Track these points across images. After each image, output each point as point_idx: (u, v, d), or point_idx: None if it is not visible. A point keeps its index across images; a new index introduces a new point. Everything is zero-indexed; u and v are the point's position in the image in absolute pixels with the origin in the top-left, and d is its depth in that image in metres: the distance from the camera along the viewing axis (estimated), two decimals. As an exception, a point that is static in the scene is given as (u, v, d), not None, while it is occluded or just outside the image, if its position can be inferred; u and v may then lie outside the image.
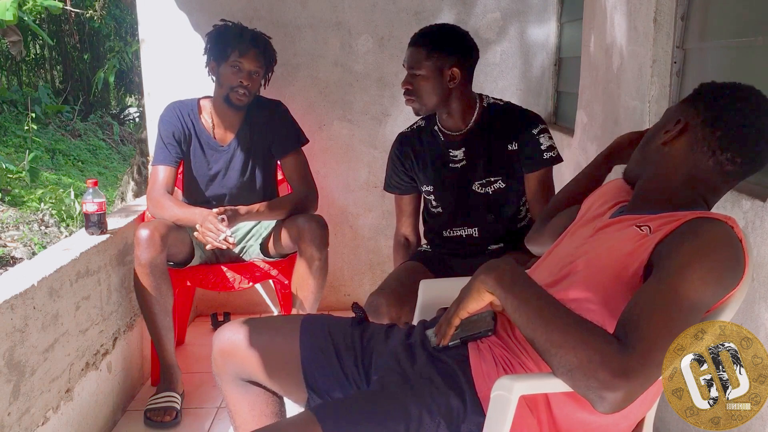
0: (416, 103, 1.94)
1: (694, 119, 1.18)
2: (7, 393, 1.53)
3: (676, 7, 1.85)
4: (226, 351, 1.43)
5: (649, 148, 1.26)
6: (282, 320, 1.58)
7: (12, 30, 6.40)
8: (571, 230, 1.36)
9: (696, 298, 1.00)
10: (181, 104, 2.45)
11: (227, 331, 1.46)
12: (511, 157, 1.95)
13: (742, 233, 1.09)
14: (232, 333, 1.44)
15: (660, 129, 1.25)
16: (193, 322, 3.01)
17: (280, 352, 1.40)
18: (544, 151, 1.95)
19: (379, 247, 3.10)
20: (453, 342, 1.26)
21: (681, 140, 1.19)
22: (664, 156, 1.22)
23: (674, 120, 1.21)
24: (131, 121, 11.10)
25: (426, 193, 2.08)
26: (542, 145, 1.95)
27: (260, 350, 1.40)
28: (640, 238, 1.13)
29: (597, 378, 0.93)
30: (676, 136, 1.20)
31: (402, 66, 1.96)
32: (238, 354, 1.42)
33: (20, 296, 1.59)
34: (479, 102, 1.99)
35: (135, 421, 2.19)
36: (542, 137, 1.95)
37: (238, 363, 1.42)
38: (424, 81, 1.89)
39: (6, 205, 6.16)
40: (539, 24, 3.02)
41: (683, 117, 1.20)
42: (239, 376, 1.44)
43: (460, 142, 1.99)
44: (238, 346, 1.42)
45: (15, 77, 10.85)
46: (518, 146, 1.94)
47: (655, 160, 1.24)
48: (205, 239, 2.20)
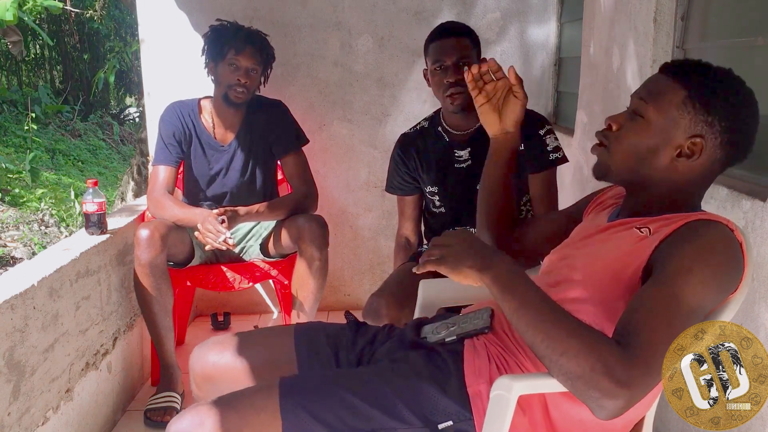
0: (464, 97, 1.85)
1: (712, 137, 1.11)
2: (7, 393, 1.53)
3: (676, 7, 1.85)
4: (209, 375, 1.36)
5: (655, 161, 1.15)
6: (270, 333, 1.52)
7: (12, 30, 6.40)
8: (572, 233, 1.36)
9: (696, 303, 1.00)
10: (182, 104, 2.45)
11: (208, 354, 1.37)
12: (517, 158, 1.94)
13: (742, 236, 1.09)
14: (214, 355, 1.36)
15: (664, 140, 1.14)
16: (193, 322, 3.01)
17: (275, 365, 1.34)
18: (550, 152, 1.95)
19: (379, 247, 3.09)
20: (449, 338, 1.26)
21: (698, 157, 1.13)
22: (675, 169, 1.15)
23: (688, 134, 1.12)
24: (131, 121, 11.08)
25: (429, 193, 2.08)
26: (548, 146, 1.95)
27: (252, 368, 1.33)
28: (640, 240, 1.12)
29: (599, 387, 0.92)
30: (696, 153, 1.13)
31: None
32: (225, 377, 1.34)
33: (20, 296, 1.59)
34: None
35: (135, 421, 2.19)
36: (548, 138, 1.96)
37: (227, 386, 1.31)
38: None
39: (6, 205, 6.15)
40: (539, 24, 3.02)
41: (700, 132, 1.11)
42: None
43: (466, 142, 1.98)
44: (223, 368, 1.34)
45: (15, 77, 10.84)
46: (524, 147, 1.94)
47: (662, 173, 1.16)
48: (205, 240, 2.20)
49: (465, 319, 1.31)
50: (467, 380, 1.18)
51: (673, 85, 1.14)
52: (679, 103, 1.12)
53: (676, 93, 1.13)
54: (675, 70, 1.16)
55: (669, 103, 1.13)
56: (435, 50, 1.90)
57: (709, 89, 1.12)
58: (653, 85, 1.18)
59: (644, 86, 1.21)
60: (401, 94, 2.99)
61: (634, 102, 1.19)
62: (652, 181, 1.17)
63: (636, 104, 1.18)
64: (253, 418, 1.13)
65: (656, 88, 1.16)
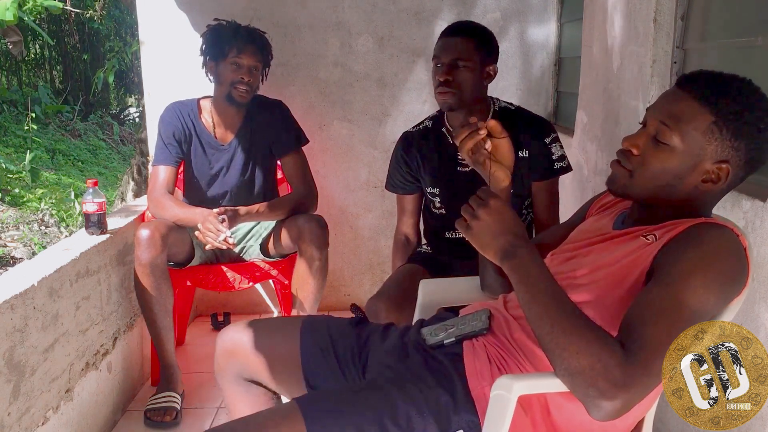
0: (454, 97, 1.85)
1: (737, 160, 1.10)
2: (7, 393, 1.53)
3: (676, 7, 1.85)
4: (229, 350, 1.45)
5: (680, 186, 1.13)
6: (283, 321, 1.59)
7: (12, 30, 6.39)
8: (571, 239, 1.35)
9: (698, 307, 0.99)
10: (181, 104, 2.45)
11: (231, 332, 1.47)
12: (520, 164, 1.91)
13: (747, 241, 1.09)
14: (235, 333, 1.46)
15: (690, 167, 1.11)
16: (193, 322, 3.01)
17: (281, 352, 1.41)
18: (554, 161, 1.95)
19: (379, 247, 3.09)
20: (448, 340, 1.26)
21: (724, 182, 1.11)
22: (699, 193, 1.13)
23: (714, 160, 1.09)
24: (131, 121, 11.08)
25: (430, 194, 2.07)
26: (553, 155, 1.95)
27: (262, 351, 1.41)
28: (645, 246, 1.12)
29: (597, 387, 0.93)
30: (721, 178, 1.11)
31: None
32: (240, 354, 1.43)
33: (20, 296, 1.59)
34: (492, 105, 1.99)
35: (135, 421, 2.19)
36: (554, 146, 1.95)
37: (241, 362, 1.43)
38: (468, 73, 1.84)
39: (6, 205, 6.15)
40: (539, 24, 3.02)
41: (726, 157, 1.09)
42: (241, 375, 1.45)
43: None
44: (241, 346, 1.43)
45: (15, 77, 10.84)
46: (529, 154, 1.93)
47: (684, 195, 1.14)
48: (205, 239, 2.20)
49: (463, 320, 1.31)
50: (470, 383, 1.18)
51: (699, 110, 1.08)
52: (705, 130, 1.08)
53: (703, 119, 1.08)
54: (700, 92, 1.09)
55: (695, 130, 1.08)
56: (437, 47, 1.90)
57: (737, 115, 1.07)
58: (676, 108, 1.11)
59: (665, 107, 1.13)
60: (401, 94, 2.99)
61: (654, 125, 1.13)
62: (671, 201, 1.15)
63: (658, 129, 1.12)
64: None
65: (680, 113, 1.10)
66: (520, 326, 1.22)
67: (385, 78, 2.97)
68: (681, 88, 1.13)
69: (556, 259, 1.31)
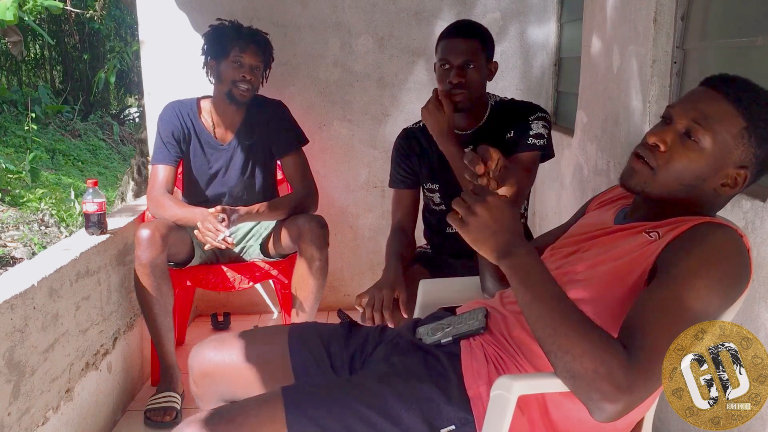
0: (466, 97, 1.88)
1: (753, 166, 1.11)
2: (7, 393, 1.53)
3: (676, 7, 1.85)
4: (208, 372, 1.38)
5: (700, 188, 1.13)
6: (266, 332, 1.52)
7: (12, 30, 6.39)
8: (571, 233, 1.35)
9: (701, 308, 0.99)
10: (180, 104, 2.45)
11: (207, 352, 1.39)
12: (508, 147, 1.91)
13: (750, 243, 1.08)
14: (209, 352, 1.38)
15: (715, 168, 1.11)
16: (193, 322, 3.01)
17: (269, 364, 1.36)
18: (530, 136, 1.89)
19: (380, 247, 3.08)
20: (445, 339, 1.26)
21: (740, 187, 1.13)
22: (716, 196, 1.15)
23: (737, 164, 1.11)
24: (131, 121, 11.08)
25: (429, 190, 2.08)
26: (531, 131, 1.90)
27: (248, 366, 1.35)
28: (648, 244, 1.11)
29: (600, 390, 0.92)
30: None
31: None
32: (218, 374, 1.36)
33: (20, 296, 1.59)
34: (489, 100, 2.01)
35: (135, 421, 2.20)
36: (534, 123, 1.91)
37: (224, 383, 1.37)
38: (477, 73, 1.88)
39: (6, 205, 6.15)
40: (539, 24, 3.02)
41: (746, 163, 1.10)
42: (223, 397, 1.38)
43: (468, 141, 1.98)
44: (221, 365, 1.36)
45: (15, 77, 10.84)
46: (513, 133, 1.92)
47: (700, 197, 1.14)
48: (205, 239, 2.20)
49: (460, 319, 1.31)
50: (466, 383, 1.18)
51: (733, 113, 1.08)
52: (736, 134, 1.08)
53: (736, 122, 1.08)
54: (735, 95, 1.09)
55: (727, 133, 1.08)
56: (443, 48, 1.91)
57: (767, 123, 1.08)
58: (710, 108, 1.10)
59: (698, 105, 1.12)
60: (401, 94, 2.99)
61: (684, 122, 1.11)
62: (683, 200, 1.15)
63: (689, 126, 1.10)
64: (259, 431, 1.12)
65: (713, 113, 1.09)
66: (519, 323, 1.21)
67: (385, 78, 2.97)
68: (714, 89, 1.12)
69: (557, 254, 1.30)
